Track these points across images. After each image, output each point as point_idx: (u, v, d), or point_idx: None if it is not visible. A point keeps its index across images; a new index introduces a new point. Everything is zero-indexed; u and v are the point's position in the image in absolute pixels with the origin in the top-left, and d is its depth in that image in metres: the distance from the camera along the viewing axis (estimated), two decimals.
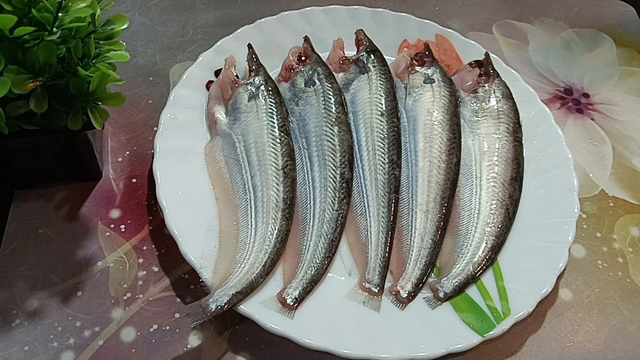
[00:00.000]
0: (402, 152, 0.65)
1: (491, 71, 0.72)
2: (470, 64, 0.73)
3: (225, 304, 0.51)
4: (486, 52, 0.75)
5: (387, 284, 0.58)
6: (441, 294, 0.56)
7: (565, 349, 0.57)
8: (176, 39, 0.81)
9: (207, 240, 0.57)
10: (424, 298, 0.57)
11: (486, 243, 0.60)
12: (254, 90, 0.66)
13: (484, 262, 0.58)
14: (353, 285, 0.57)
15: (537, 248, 0.61)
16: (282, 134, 0.63)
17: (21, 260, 0.57)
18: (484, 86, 0.71)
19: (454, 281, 0.57)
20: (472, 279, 0.58)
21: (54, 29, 0.46)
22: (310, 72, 0.69)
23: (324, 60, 0.72)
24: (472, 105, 0.70)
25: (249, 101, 0.65)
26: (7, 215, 0.60)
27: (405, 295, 0.56)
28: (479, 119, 0.69)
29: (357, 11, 0.80)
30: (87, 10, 0.48)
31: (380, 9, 0.81)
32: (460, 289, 0.57)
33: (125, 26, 0.55)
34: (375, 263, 0.58)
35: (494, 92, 0.71)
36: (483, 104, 0.70)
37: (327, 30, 0.77)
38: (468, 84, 0.71)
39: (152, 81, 0.75)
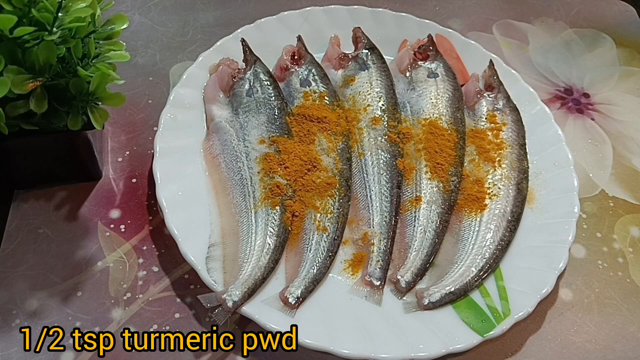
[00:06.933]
0: (408, 145, 0.66)
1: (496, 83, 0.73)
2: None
3: (240, 299, 0.51)
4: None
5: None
6: (425, 301, 0.55)
7: (565, 349, 0.57)
8: (176, 39, 0.81)
9: (210, 240, 0.57)
10: (402, 300, 0.57)
11: (483, 257, 0.59)
12: (252, 82, 0.66)
13: (477, 279, 0.58)
14: (353, 284, 0.57)
15: (537, 248, 0.61)
16: (280, 128, 0.63)
17: (21, 260, 0.57)
18: (489, 97, 0.71)
19: (443, 291, 0.56)
20: (462, 294, 0.57)
21: (54, 29, 0.46)
22: (306, 73, 0.69)
23: (321, 57, 0.73)
24: (475, 115, 0.70)
25: (247, 94, 0.65)
26: (7, 215, 0.60)
27: (404, 285, 0.56)
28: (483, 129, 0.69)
29: (357, 11, 0.80)
30: (87, 10, 0.48)
31: (380, 9, 0.81)
32: (447, 302, 0.56)
33: (125, 26, 0.55)
34: (377, 257, 0.58)
35: (499, 102, 0.71)
36: (488, 113, 0.70)
37: (327, 30, 0.77)
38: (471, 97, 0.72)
39: (152, 81, 0.75)
